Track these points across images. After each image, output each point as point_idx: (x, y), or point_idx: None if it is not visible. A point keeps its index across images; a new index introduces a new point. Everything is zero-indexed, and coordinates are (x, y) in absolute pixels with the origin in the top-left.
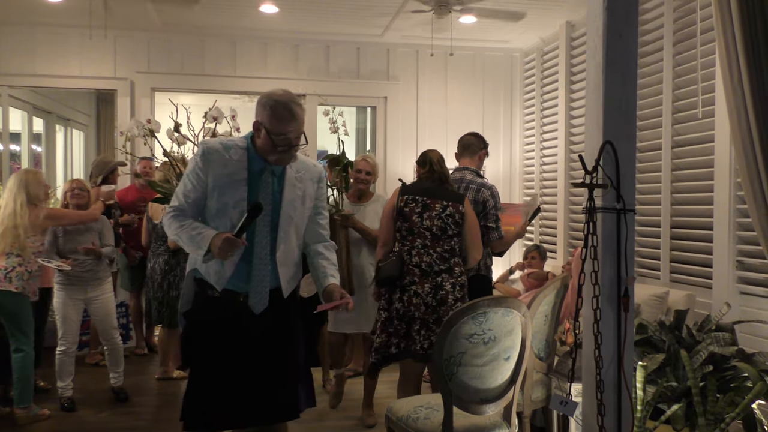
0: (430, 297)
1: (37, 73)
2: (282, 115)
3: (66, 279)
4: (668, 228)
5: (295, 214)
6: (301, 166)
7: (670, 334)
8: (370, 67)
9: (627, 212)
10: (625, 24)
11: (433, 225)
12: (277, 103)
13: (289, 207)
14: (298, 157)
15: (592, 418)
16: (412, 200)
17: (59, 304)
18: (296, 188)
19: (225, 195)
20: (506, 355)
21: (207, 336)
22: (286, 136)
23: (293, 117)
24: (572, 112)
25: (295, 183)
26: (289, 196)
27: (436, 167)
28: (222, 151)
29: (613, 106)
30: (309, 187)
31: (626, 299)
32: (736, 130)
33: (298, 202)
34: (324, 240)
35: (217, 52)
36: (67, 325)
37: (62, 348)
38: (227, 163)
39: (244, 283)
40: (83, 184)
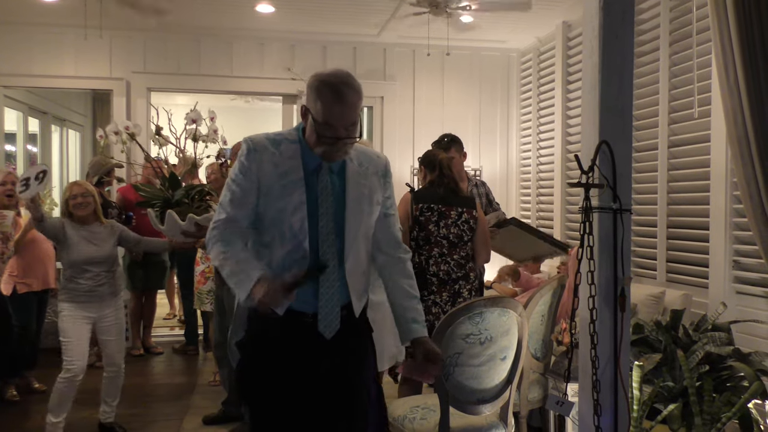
0: (449, 305)
1: (32, 73)
2: (327, 100)
3: (77, 295)
4: (664, 228)
5: (363, 216)
6: (363, 158)
7: (666, 334)
8: (367, 67)
9: (623, 212)
10: (621, 24)
11: (450, 233)
12: (322, 83)
13: (356, 208)
14: (359, 147)
15: (588, 418)
16: (427, 209)
17: (68, 323)
18: (361, 185)
19: (280, 199)
20: (503, 355)
21: (268, 370)
22: (333, 125)
23: (341, 101)
24: (569, 112)
25: (359, 179)
26: (354, 194)
27: (446, 171)
28: (271, 147)
29: (610, 106)
30: (375, 183)
31: (623, 299)
32: (732, 131)
33: (366, 201)
34: (397, 245)
35: (213, 52)
36: (77, 349)
37: (68, 375)
38: (279, 162)
39: (310, 301)
40: (86, 188)
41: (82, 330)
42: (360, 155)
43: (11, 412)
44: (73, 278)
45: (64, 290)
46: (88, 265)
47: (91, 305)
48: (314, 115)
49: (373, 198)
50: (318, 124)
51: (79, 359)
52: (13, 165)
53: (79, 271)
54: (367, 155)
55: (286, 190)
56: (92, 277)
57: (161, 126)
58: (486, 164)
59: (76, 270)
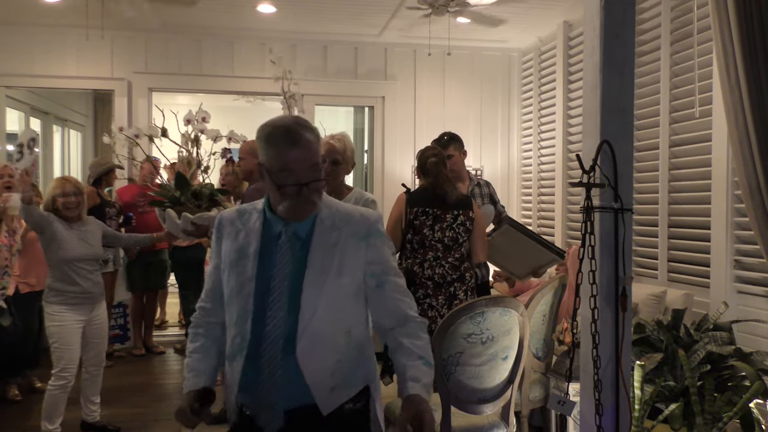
0: (445, 308)
1: (34, 73)
2: (280, 143)
3: (71, 296)
4: (666, 227)
5: (326, 290)
6: (339, 217)
7: (667, 334)
8: (368, 67)
9: (624, 211)
10: (622, 23)
11: (445, 236)
12: (272, 128)
13: (317, 281)
14: (340, 205)
15: (589, 418)
16: (422, 213)
17: (60, 328)
18: (328, 253)
19: (231, 277)
20: (504, 355)
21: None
22: (291, 170)
23: (296, 141)
24: (570, 112)
25: (326, 245)
26: (317, 264)
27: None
28: (236, 220)
29: (611, 105)
30: (350, 249)
31: (624, 298)
32: (733, 130)
33: (332, 272)
34: (404, 320)
35: (214, 52)
36: (70, 354)
37: (61, 382)
38: (239, 233)
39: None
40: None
41: (76, 335)
42: (337, 214)
43: (13, 411)
44: (65, 278)
45: (53, 292)
46: (82, 264)
47: (84, 307)
48: (269, 165)
49: (344, 267)
50: (275, 173)
51: (73, 365)
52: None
53: (72, 270)
54: (346, 214)
55: (238, 266)
56: (87, 276)
57: (166, 128)
58: (487, 164)
59: (68, 269)
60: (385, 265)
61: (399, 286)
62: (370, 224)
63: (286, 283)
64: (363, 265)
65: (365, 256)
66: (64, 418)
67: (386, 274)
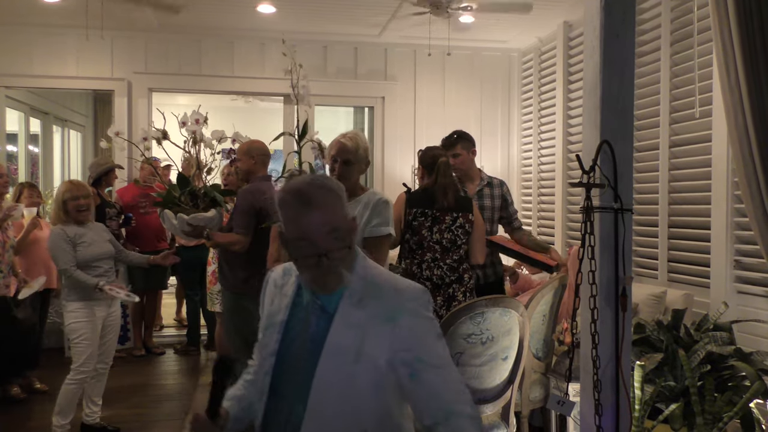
0: (444, 309)
1: (34, 73)
2: (292, 207)
3: (91, 293)
4: (666, 227)
5: (342, 376)
6: (371, 292)
7: (667, 334)
8: (368, 68)
9: (624, 212)
10: (622, 24)
11: (443, 238)
12: (284, 192)
13: (332, 364)
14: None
15: (589, 418)
16: (421, 214)
17: (82, 325)
18: (348, 333)
19: (260, 345)
20: (504, 355)
21: None
22: (306, 239)
23: (309, 204)
24: (570, 112)
25: (349, 323)
26: (334, 344)
27: (442, 179)
28: (279, 278)
29: (611, 105)
30: (373, 330)
31: (624, 299)
32: (733, 130)
33: (350, 356)
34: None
35: (214, 52)
36: (92, 350)
37: (80, 377)
38: (275, 297)
39: None
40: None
41: (96, 331)
42: (369, 287)
43: (14, 411)
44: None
45: (73, 290)
46: (99, 263)
47: (101, 303)
48: (286, 234)
49: (363, 353)
50: (291, 243)
51: (93, 360)
52: (15, 165)
53: (91, 269)
54: (377, 286)
55: (265, 336)
56: (103, 273)
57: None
58: (487, 164)
59: (87, 269)
60: (421, 350)
61: (441, 375)
62: (402, 301)
63: (300, 365)
64: (388, 351)
65: (392, 342)
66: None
67: (422, 361)
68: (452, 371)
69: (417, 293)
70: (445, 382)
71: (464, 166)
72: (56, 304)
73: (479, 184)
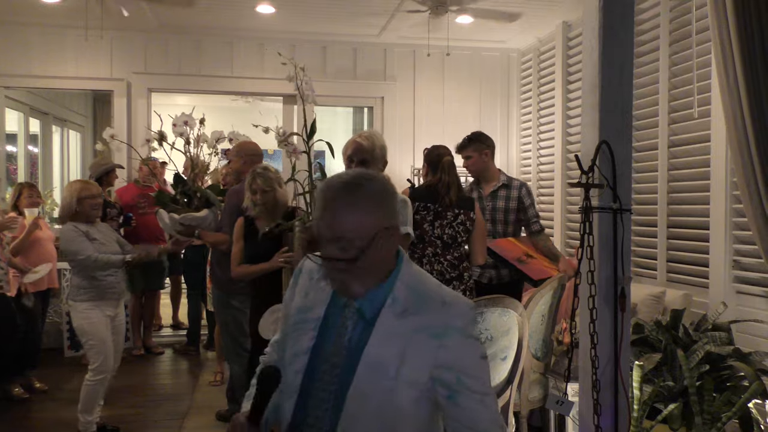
0: None
1: (33, 74)
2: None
3: (99, 292)
4: (665, 228)
5: (379, 389)
6: (415, 302)
7: (666, 334)
8: (367, 68)
9: (623, 212)
10: (621, 24)
11: (444, 233)
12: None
13: (370, 375)
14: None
15: (588, 418)
16: (423, 208)
17: (93, 326)
18: (389, 344)
19: (291, 340)
20: (503, 355)
21: None
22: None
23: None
24: (569, 112)
25: (390, 334)
26: (373, 355)
27: (445, 178)
28: (315, 271)
29: (610, 106)
30: (417, 344)
31: (623, 299)
32: (731, 131)
33: (390, 369)
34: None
35: (214, 52)
36: (107, 349)
37: (100, 377)
38: (310, 291)
39: None
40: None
41: (107, 330)
42: (414, 297)
43: (14, 411)
44: (94, 276)
45: (81, 290)
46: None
47: (110, 303)
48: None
49: (405, 367)
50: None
51: (110, 358)
52: (14, 165)
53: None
54: (425, 297)
55: (296, 331)
56: (112, 273)
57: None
58: None
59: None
60: (463, 372)
61: (481, 402)
62: (450, 318)
63: (336, 372)
64: (431, 368)
65: (435, 359)
66: (61, 419)
67: (462, 384)
68: (491, 399)
69: (465, 309)
70: (483, 410)
71: (476, 167)
72: (56, 304)
73: (495, 185)
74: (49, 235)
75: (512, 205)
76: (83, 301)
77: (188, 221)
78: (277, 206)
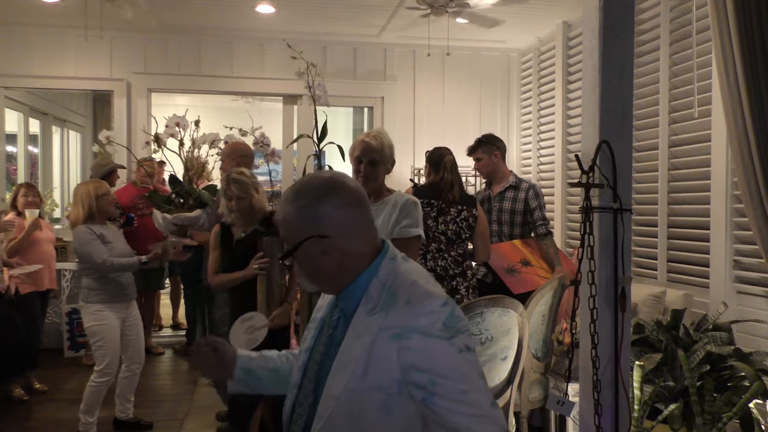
0: None
1: (33, 74)
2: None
3: (111, 293)
4: (665, 228)
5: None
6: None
7: (667, 334)
8: (367, 68)
9: (624, 212)
10: (621, 23)
11: (448, 229)
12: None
13: (338, 374)
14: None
15: (589, 418)
16: (427, 204)
17: (103, 327)
18: (357, 343)
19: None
20: (503, 355)
21: None
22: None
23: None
24: (569, 112)
25: (359, 333)
26: (345, 353)
27: (448, 176)
28: None
29: (610, 105)
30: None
31: (623, 299)
32: (732, 130)
33: (357, 368)
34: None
35: (213, 52)
36: (114, 351)
37: (104, 379)
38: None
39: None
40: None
41: (117, 333)
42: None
43: (15, 411)
44: (105, 277)
45: (93, 291)
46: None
47: (121, 305)
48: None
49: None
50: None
51: (116, 361)
52: (14, 166)
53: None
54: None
55: (308, 329)
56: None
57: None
58: None
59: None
60: (434, 373)
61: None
62: (411, 318)
63: (314, 369)
64: (397, 372)
65: (398, 361)
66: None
67: (435, 384)
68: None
69: (432, 308)
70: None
71: (487, 169)
72: (56, 305)
73: (503, 186)
74: (49, 236)
75: (518, 207)
76: (95, 302)
77: (180, 221)
78: (253, 212)
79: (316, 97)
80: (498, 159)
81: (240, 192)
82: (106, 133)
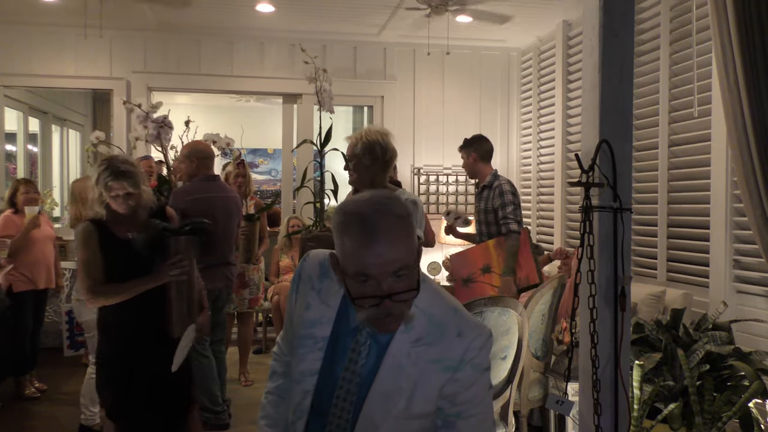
0: None
1: (32, 72)
2: (353, 236)
3: None
4: (665, 227)
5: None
6: (432, 327)
7: (666, 333)
8: (367, 67)
9: (623, 211)
10: (621, 23)
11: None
12: (345, 215)
13: (380, 406)
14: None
15: (588, 418)
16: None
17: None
18: (401, 373)
19: (297, 355)
20: (503, 355)
21: None
22: (368, 276)
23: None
24: (569, 111)
25: (402, 363)
26: (384, 384)
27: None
28: (316, 279)
29: (610, 105)
30: (428, 375)
31: (623, 298)
32: (732, 130)
33: (401, 398)
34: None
35: (213, 51)
36: None
37: None
38: (312, 301)
39: None
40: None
41: None
42: (431, 322)
43: (14, 411)
44: None
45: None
46: None
47: None
48: (343, 264)
49: (416, 399)
50: (349, 278)
51: None
52: (14, 165)
53: None
54: (441, 329)
55: (302, 347)
56: None
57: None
58: None
59: None
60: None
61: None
62: (465, 351)
63: (350, 399)
64: (438, 399)
65: (443, 389)
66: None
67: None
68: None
69: (481, 341)
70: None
71: (467, 169)
72: (55, 304)
73: (481, 186)
74: (49, 234)
75: (490, 206)
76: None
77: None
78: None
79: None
80: (473, 160)
81: (132, 187)
82: (96, 133)
